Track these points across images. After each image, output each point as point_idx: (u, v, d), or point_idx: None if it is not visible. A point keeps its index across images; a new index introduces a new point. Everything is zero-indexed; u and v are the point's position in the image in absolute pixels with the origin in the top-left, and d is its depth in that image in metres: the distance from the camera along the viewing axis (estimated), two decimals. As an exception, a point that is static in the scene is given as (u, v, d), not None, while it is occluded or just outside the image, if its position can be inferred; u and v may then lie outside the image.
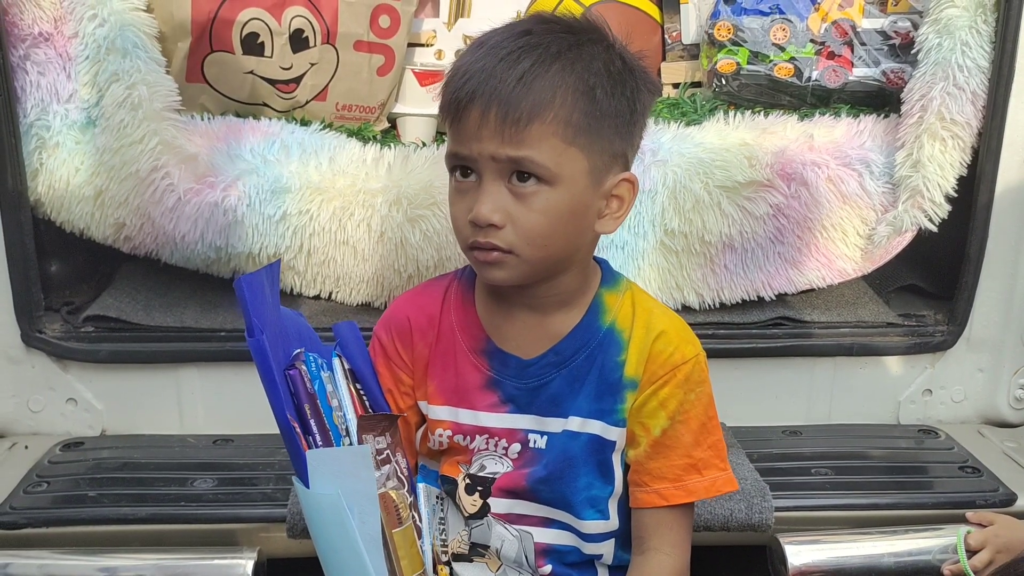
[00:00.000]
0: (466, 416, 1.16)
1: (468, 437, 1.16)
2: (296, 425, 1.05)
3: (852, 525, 1.58)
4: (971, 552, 1.46)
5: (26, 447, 1.74)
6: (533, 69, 1.02)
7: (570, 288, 1.13)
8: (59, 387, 1.78)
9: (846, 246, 1.81)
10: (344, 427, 1.09)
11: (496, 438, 1.16)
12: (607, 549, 1.19)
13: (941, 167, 1.74)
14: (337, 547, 1.06)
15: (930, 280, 1.95)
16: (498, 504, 1.17)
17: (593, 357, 1.13)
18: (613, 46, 1.08)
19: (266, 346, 1.03)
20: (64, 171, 1.68)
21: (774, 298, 1.84)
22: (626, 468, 1.17)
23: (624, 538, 1.19)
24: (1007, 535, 1.47)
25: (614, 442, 1.15)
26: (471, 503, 1.17)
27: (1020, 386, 1.89)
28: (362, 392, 1.15)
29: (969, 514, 1.53)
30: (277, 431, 1.71)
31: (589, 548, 1.18)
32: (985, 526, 1.50)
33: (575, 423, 1.14)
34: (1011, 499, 1.62)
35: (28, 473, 1.65)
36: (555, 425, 1.14)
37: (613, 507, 1.17)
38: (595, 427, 1.14)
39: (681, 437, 1.13)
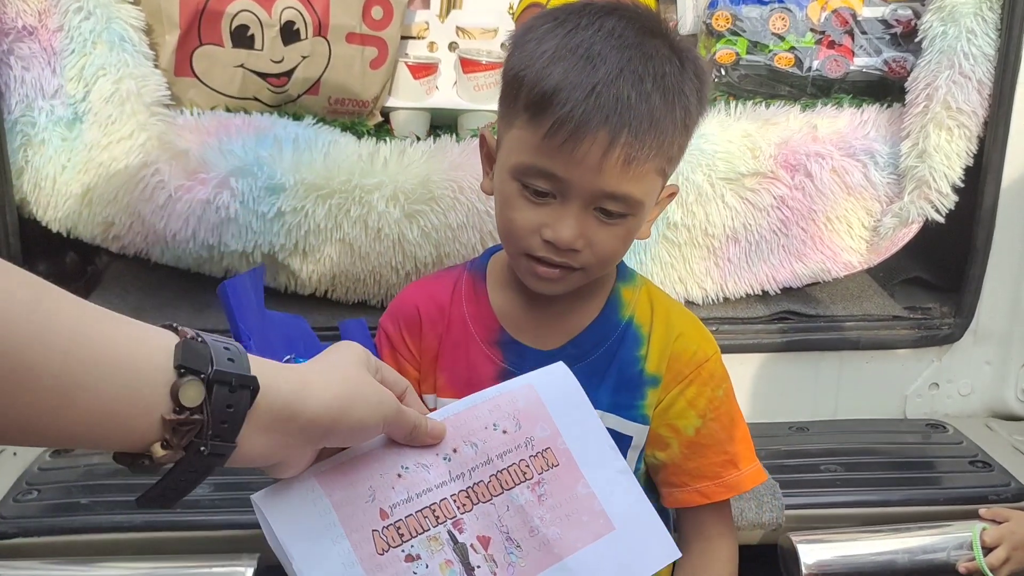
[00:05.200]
0: None
1: None
2: None
3: (863, 522, 1.56)
4: (987, 549, 1.44)
5: (15, 454, 1.69)
6: (660, 104, 0.96)
7: (592, 284, 1.11)
8: (47, 392, 1.73)
9: (851, 238, 1.79)
10: None
11: None
12: None
13: (947, 157, 1.71)
14: None
15: (936, 272, 1.93)
16: None
17: (612, 351, 1.11)
18: (696, 60, 1.03)
19: (253, 352, 0.99)
20: (50, 169, 1.64)
21: (779, 292, 1.83)
22: (642, 467, 1.16)
23: None
24: (1023, 532, 1.45)
25: (631, 437, 1.12)
26: None
27: (1028, 379, 1.88)
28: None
29: (983, 510, 1.51)
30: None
31: None
32: (999, 522, 1.48)
33: None
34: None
35: (17, 481, 1.60)
36: None
37: None
38: (611, 421, 1.11)
39: (716, 434, 1.13)
